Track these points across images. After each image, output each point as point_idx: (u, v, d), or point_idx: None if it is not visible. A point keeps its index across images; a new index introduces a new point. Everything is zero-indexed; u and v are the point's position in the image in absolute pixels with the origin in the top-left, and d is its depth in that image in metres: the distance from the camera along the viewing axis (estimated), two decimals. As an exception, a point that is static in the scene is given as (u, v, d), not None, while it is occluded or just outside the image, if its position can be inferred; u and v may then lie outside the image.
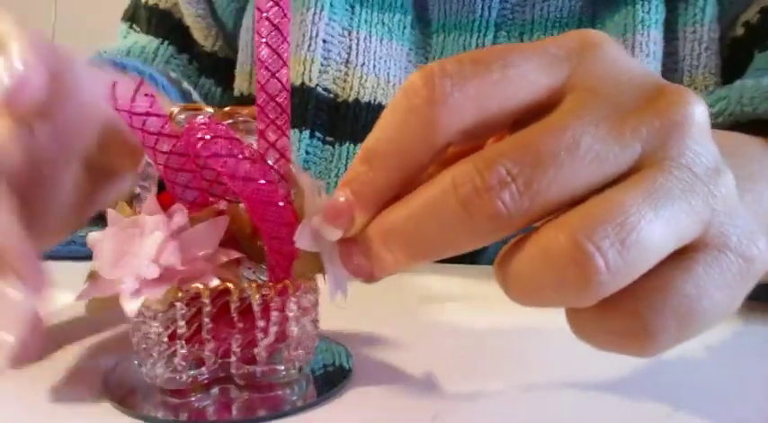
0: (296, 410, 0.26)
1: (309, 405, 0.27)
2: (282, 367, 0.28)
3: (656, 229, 0.20)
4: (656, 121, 0.22)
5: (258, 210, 0.25)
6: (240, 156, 0.24)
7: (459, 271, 0.49)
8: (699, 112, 0.23)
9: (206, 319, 0.26)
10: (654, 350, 0.22)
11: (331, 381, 0.29)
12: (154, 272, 0.25)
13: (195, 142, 0.24)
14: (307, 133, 0.53)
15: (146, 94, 0.24)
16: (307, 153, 0.53)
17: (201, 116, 0.26)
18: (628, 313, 0.21)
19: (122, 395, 0.28)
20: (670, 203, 0.21)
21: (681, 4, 0.50)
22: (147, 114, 0.25)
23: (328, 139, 0.54)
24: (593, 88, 0.22)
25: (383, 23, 0.55)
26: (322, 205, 0.24)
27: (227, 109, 0.28)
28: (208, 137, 0.24)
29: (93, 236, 0.27)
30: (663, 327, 0.21)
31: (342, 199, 0.23)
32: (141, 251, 0.25)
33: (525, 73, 0.22)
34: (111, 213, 0.27)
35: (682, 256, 0.22)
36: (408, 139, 0.22)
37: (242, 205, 0.27)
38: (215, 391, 0.28)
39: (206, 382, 0.28)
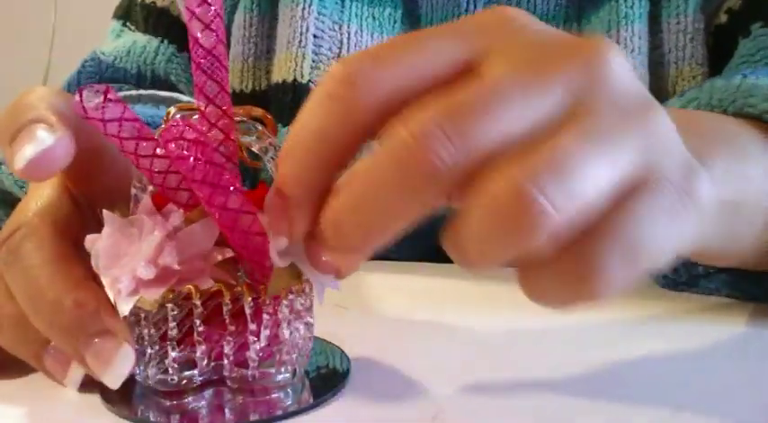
0: (289, 415, 0.26)
1: (304, 409, 0.27)
2: (275, 371, 0.27)
3: (595, 165, 0.21)
4: (578, 64, 0.22)
5: (226, 218, 0.24)
6: (203, 160, 0.23)
7: (455, 271, 0.48)
8: (618, 55, 0.23)
9: (197, 321, 0.26)
10: (604, 289, 0.22)
11: (327, 383, 0.29)
12: (150, 273, 0.25)
13: (166, 144, 0.24)
14: None
15: (114, 100, 0.24)
16: None
17: (195, 116, 0.26)
18: (574, 261, 0.22)
19: (116, 396, 0.28)
20: (606, 141, 0.21)
21: None
22: (121, 120, 0.24)
23: None
24: (509, 47, 0.23)
25: (374, 17, 0.55)
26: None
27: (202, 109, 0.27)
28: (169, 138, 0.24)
29: (91, 237, 0.27)
30: (610, 267, 0.21)
31: (273, 204, 0.23)
32: (139, 252, 0.25)
33: (441, 48, 0.23)
34: (106, 214, 0.26)
35: (623, 198, 0.22)
36: (328, 124, 0.22)
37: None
38: (209, 393, 0.28)
39: (199, 384, 0.27)
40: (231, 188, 0.24)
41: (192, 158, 0.23)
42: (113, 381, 0.26)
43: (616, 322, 0.36)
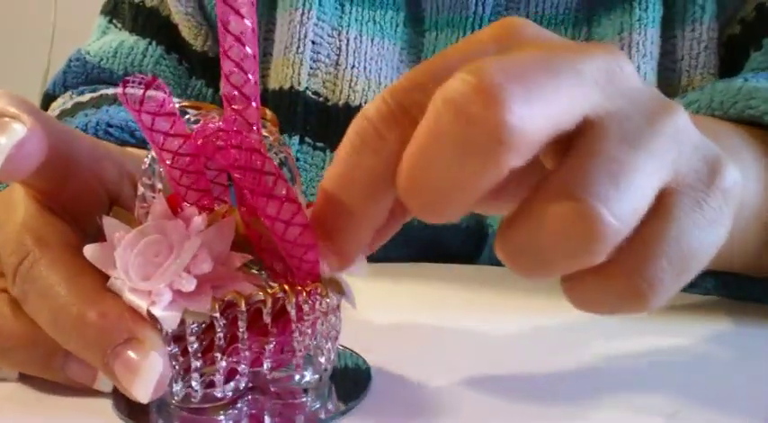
0: (333, 417, 0.26)
1: (344, 411, 0.26)
2: (313, 371, 0.27)
3: (643, 172, 0.21)
4: (599, 62, 0.23)
5: (279, 228, 0.24)
6: (265, 170, 0.23)
7: (455, 272, 0.48)
8: (625, 57, 0.23)
9: (242, 329, 0.25)
10: (656, 302, 0.22)
11: (351, 385, 0.29)
12: (192, 284, 0.24)
13: (212, 148, 0.23)
14: (296, 139, 0.51)
15: (158, 90, 0.23)
16: (297, 160, 0.51)
17: (211, 116, 0.25)
18: (625, 273, 0.22)
19: (135, 414, 0.26)
20: (645, 146, 0.21)
21: (679, 1, 0.49)
22: (157, 113, 0.24)
23: (318, 144, 0.52)
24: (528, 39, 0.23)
25: (374, 21, 0.53)
26: None
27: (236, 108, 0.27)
28: (220, 143, 0.23)
29: (94, 249, 0.25)
30: (660, 277, 0.22)
31: (327, 253, 0.24)
32: (175, 261, 0.24)
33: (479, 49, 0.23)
34: (109, 221, 0.25)
35: (661, 205, 0.22)
36: (364, 166, 0.23)
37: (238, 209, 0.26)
38: (241, 404, 0.27)
39: (233, 396, 0.26)
40: (287, 200, 0.23)
41: (247, 168, 0.23)
42: (143, 392, 0.25)
43: (616, 322, 0.36)
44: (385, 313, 0.39)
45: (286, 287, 0.25)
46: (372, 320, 0.38)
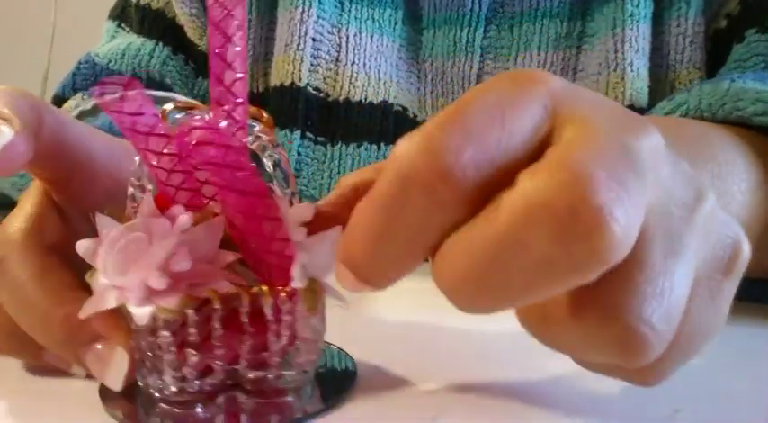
0: (309, 416, 0.26)
1: (321, 411, 0.26)
2: (293, 371, 0.27)
3: (682, 283, 0.21)
4: (651, 154, 0.21)
5: (252, 224, 0.24)
6: (236, 166, 0.23)
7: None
8: (658, 139, 0.21)
9: (217, 326, 0.25)
10: (661, 380, 0.24)
11: (335, 385, 0.28)
12: (162, 282, 0.24)
13: (188, 145, 0.24)
14: (298, 134, 0.53)
15: (133, 93, 0.24)
16: (299, 154, 0.53)
17: (198, 115, 0.25)
18: (640, 372, 0.23)
19: (122, 407, 0.27)
20: (685, 255, 0.21)
21: None
22: (137, 114, 0.24)
23: (320, 139, 0.53)
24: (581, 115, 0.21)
25: (373, 19, 0.54)
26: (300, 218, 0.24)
27: (226, 108, 0.27)
28: (194, 141, 0.23)
29: (84, 243, 0.26)
30: (671, 369, 0.23)
31: (346, 275, 0.23)
32: (152, 258, 0.24)
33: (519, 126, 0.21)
34: (101, 219, 0.26)
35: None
36: (416, 217, 0.21)
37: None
38: (221, 400, 0.27)
39: (211, 391, 0.27)
40: (258, 195, 0.24)
41: (219, 164, 0.23)
42: (115, 382, 0.26)
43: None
44: (384, 313, 0.39)
45: (263, 287, 0.25)
46: (371, 320, 0.38)
